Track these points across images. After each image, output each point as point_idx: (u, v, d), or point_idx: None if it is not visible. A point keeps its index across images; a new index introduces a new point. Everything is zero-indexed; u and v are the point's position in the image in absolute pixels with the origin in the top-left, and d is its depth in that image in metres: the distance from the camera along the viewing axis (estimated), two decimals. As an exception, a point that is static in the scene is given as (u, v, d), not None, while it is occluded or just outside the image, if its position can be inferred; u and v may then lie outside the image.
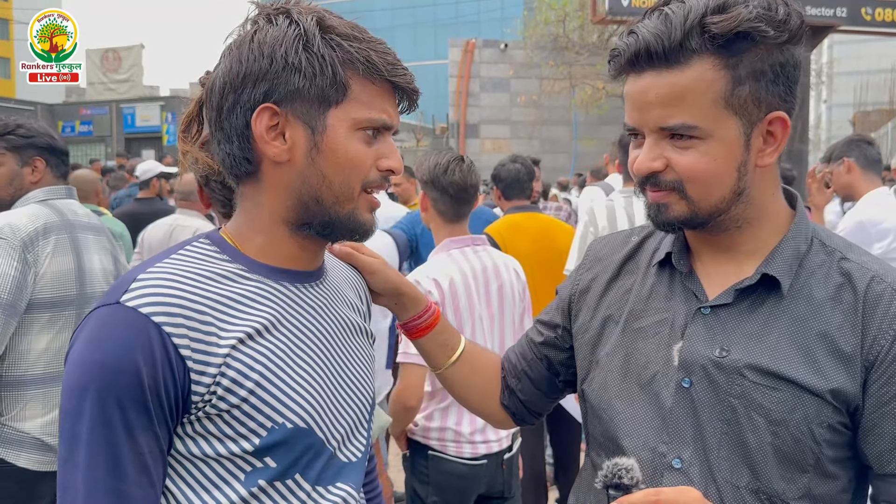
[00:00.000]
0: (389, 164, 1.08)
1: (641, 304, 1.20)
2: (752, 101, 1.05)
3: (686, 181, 1.07)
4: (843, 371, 1.05)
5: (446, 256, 2.50)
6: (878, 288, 1.07)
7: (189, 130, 1.12)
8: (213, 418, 0.97)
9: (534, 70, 17.74)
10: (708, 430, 1.08)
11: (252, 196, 1.08)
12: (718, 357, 1.09)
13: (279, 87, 1.01)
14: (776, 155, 1.09)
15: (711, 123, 1.04)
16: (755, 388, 1.06)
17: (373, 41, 1.05)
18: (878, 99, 23.52)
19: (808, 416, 1.04)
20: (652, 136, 1.08)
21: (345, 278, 1.26)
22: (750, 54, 1.03)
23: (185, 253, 1.04)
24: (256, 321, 1.01)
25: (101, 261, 2.44)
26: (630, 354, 1.18)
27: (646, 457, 1.12)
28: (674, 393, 1.11)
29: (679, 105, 1.04)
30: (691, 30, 1.02)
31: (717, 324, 1.11)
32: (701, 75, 1.03)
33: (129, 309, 0.94)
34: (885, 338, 1.04)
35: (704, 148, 1.05)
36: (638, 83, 1.07)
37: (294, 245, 1.09)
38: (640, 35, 1.05)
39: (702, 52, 1.03)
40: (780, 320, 1.08)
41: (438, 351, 1.42)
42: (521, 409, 1.43)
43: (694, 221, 1.11)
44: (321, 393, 1.07)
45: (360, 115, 1.04)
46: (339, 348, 1.14)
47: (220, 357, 0.96)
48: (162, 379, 0.93)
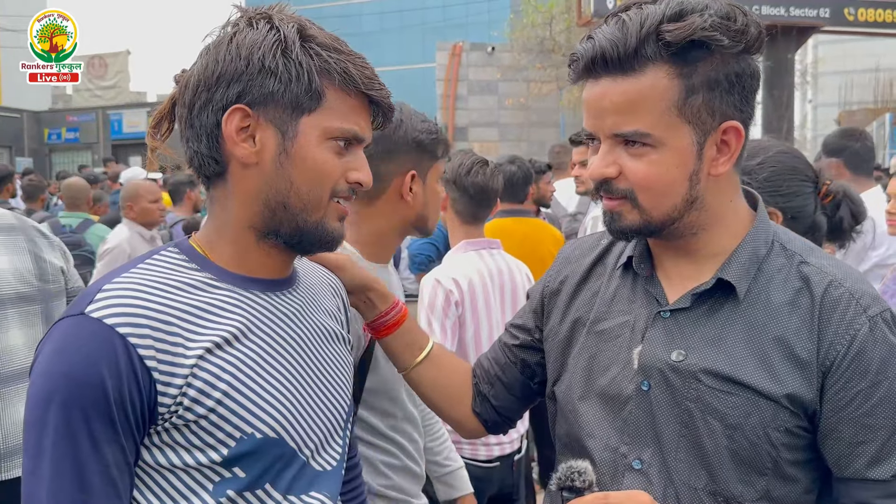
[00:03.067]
0: (358, 176, 1.08)
1: (605, 307, 1.21)
2: (706, 111, 1.05)
3: (638, 189, 1.08)
4: (799, 376, 1.05)
5: (464, 257, 2.54)
6: (836, 293, 1.07)
7: (159, 127, 1.12)
8: (181, 428, 0.97)
9: (521, 73, 17.76)
10: (666, 433, 1.10)
11: (220, 200, 1.08)
12: (675, 361, 1.10)
13: (253, 90, 1.01)
14: (730, 164, 1.09)
15: (664, 132, 1.05)
16: (710, 392, 1.07)
17: (352, 54, 1.05)
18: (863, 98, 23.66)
19: (764, 420, 1.05)
20: (607, 142, 1.09)
21: (322, 284, 1.26)
22: (705, 63, 1.03)
23: (152, 262, 1.04)
24: (225, 330, 1.01)
25: (12, 260, 2.40)
26: (594, 357, 1.19)
27: (607, 457, 1.13)
28: (633, 395, 1.13)
29: (633, 112, 1.04)
30: (647, 37, 1.02)
31: (675, 328, 1.12)
32: (655, 83, 1.03)
33: (93, 320, 0.93)
34: (842, 343, 1.04)
35: (657, 156, 1.06)
36: (594, 89, 1.08)
37: (262, 253, 1.08)
38: (596, 41, 1.05)
39: (656, 60, 1.03)
40: (737, 325, 1.09)
41: (405, 351, 1.41)
42: (493, 415, 1.42)
43: (647, 229, 1.12)
44: (294, 401, 1.06)
45: (332, 124, 1.03)
46: (314, 356, 1.13)
47: (187, 368, 0.96)
48: (127, 391, 0.92)
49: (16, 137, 21.34)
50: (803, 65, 20.08)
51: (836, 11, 8.85)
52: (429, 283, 2.44)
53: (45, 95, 23.29)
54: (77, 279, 2.60)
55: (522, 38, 17.78)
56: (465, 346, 2.48)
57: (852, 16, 8.92)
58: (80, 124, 22.47)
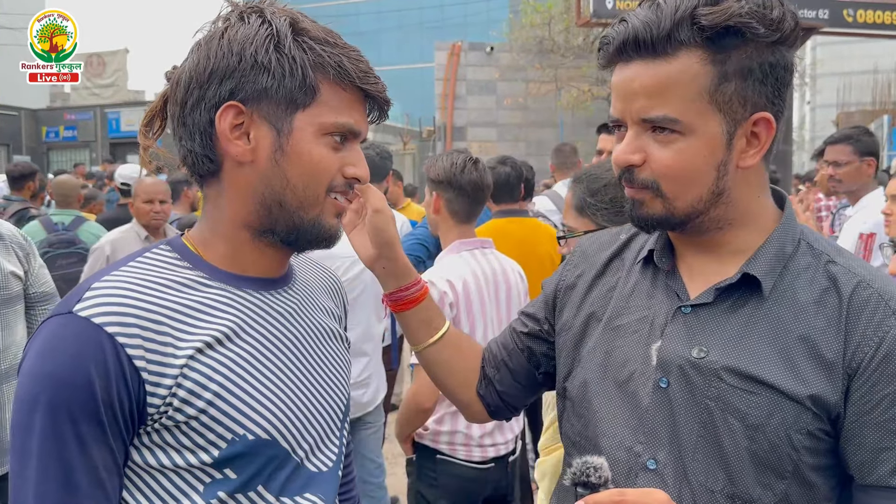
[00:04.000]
0: (355, 171, 1.06)
1: (623, 302, 1.18)
2: (738, 100, 1.02)
3: (662, 178, 1.05)
4: (824, 377, 1.02)
5: (457, 258, 2.50)
6: (865, 293, 1.04)
7: (151, 126, 1.10)
8: (171, 429, 0.95)
9: (520, 73, 17.74)
10: (684, 432, 1.06)
11: (214, 198, 1.06)
12: (696, 358, 1.06)
13: (246, 86, 0.99)
14: (759, 157, 1.07)
15: (694, 118, 1.02)
16: (732, 391, 1.04)
17: (346, 47, 1.03)
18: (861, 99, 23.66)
19: (786, 421, 1.02)
20: (634, 127, 1.06)
21: (319, 281, 1.24)
22: (739, 51, 1.01)
23: (143, 260, 1.02)
24: (217, 330, 0.99)
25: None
26: (610, 352, 1.16)
27: (621, 456, 1.10)
28: (651, 393, 1.09)
29: (662, 97, 1.02)
30: (681, 21, 1.00)
31: (696, 324, 1.09)
32: (687, 68, 1.01)
33: (81, 319, 0.91)
34: (869, 345, 1.01)
35: (685, 144, 1.03)
36: (625, 72, 1.05)
37: (257, 251, 1.07)
38: (629, 23, 1.03)
39: (690, 45, 1.01)
40: (761, 322, 1.06)
41: (422, 328, 1.39)
42: (496, 400, 1.40)
43: (670, 221, 1.09)
44: (288, 402, 1.04)
45: (327, 119, 1.01)
46: (310, 354, 1.11)
47: (177, 368, 0.94)
48: (116, 391, 0.90)
49: (13, 135, 21.30)
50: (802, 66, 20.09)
51: (836, 13, 8.85)
52: (422, 284, 2.42)
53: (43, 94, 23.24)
54: (43, 283, 2.48)
55: (521, 39, 17.77)
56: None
57: (851, 17, 8.92)
58: (78, 123, 22.42)
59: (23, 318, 2.50)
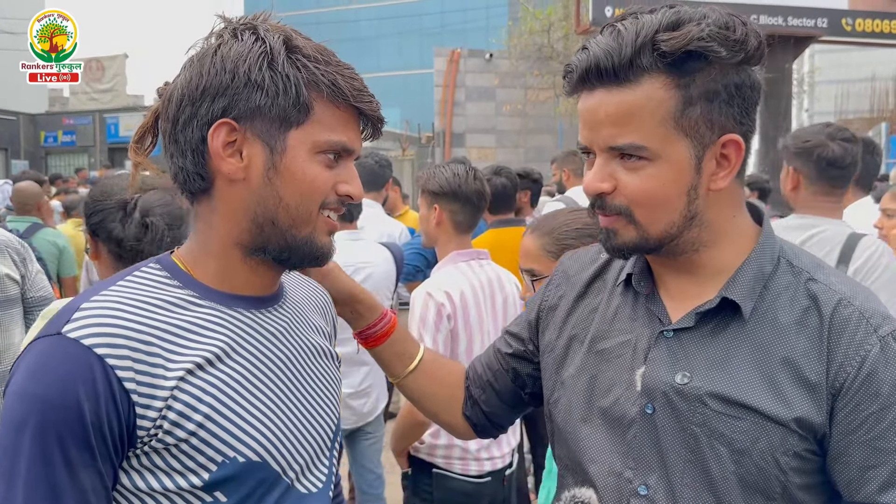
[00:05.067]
0: (349, 189, 1.05)
1: (606, 325, 1.17)
2: (705, 123, 1.02)
3: (634, 205, 1.05)
4: (808, 399, 1.01)
5: (454, 269, 2.49)
6: (845, 312, 1.03)
7: (143, 142, 1.08)
8: (161, 452, 0.93)
9: (519, 79, 17.79)
10: (672, 458, 1.06)
11: (205, 216, 1.04)
12: (680, 384, 1.06)
13: (239, 104, 0.98)
14: (730, 178, 1.06)
15: (661, 144, 1.01)
16: (717, 416, 1.03)
17: (340, 65, 1.02)
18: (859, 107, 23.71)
19: (773, 444, 1.01)
20: (602, 155, 1.06)
21: (308, 298, 1.23)
22: (703, 74, 1.00)
23: (132, 279, 1.01)
24: (207, 350, 0.98)
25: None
26: (594, 377, 1.15)
27: (611, 483, 1.09)
28: (637, 418, 1.09)
29: (628, 124, 1.01)
30: (642, 47, 0.99)
31: (679, 348, 1.08)
32: (651, 94, 1.00)
33: (70, 340, 0.90)
34: (852, 364, 1.01)
35: (653, 170, 1.02)
36: (589, 101, 1.05)
37: (248, 270, 1.05)
38: (591, 51, 1.02)
39: (652, 71, 1.00)
40: (743, 346, 1.05)
41: (395, 360, 1.39)
42: (483, 421, 1.39)
43: (644, 247, 1.08)
44: (278, 423, 1.03)
45: (321, 137, 1.00)
46: (301, 374, 1.10)
47: (167, 390, 0.93)
48: (105, 414, 0.89)
49: (12, 140, 21.28)
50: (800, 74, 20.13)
51: (834, 22, 8.87)
52: (420, 296, 2.41)
53: (42, 98, 23.22)
54: (41, 288, 2.51)
55: (520, 45, 17.81)
56: (457, 360, 2.45)
57: (850, 26, 8.94)
58: (77, 127, 22.39)
59: (20, 321, 2.54)
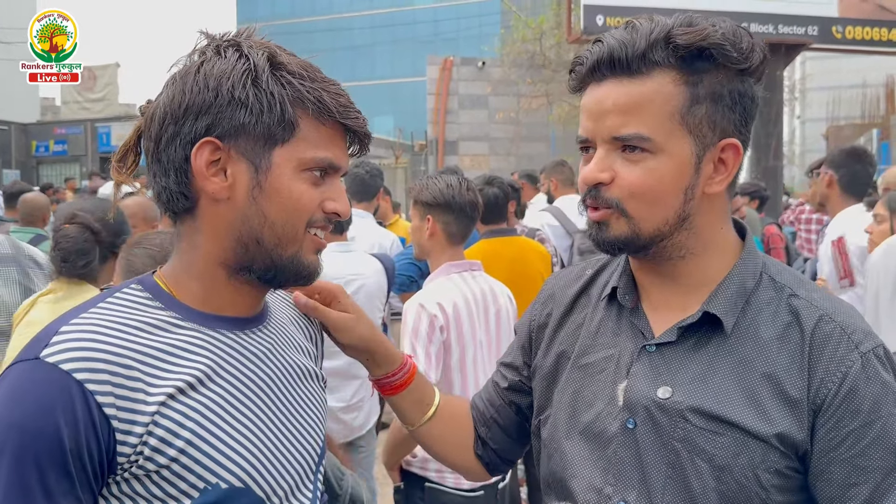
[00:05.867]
0: (335, 207, 1.03)
1: (590, 339, 1.17)
2: (708, 124, 1.04)
3: (629, 198, 1.05)
4: (790, 415, 1.01)
5: (447, 280, 2.48)
6: (827, 328, 1.03)
7: (125, 161, 1.07)
8: (142, 479, 0.91)
9: (511, 87, 17.80)
10: (653, 473, 1.05)
11: (189, 236, 1.02)
12: (662, 399, 1.06)
13: (223, 122, 0.96)
14: (725, 183, 1.08)
15: (665, 137, 1.03)
16: (698, 432, 1.03)
17: (325, 81, 1.00)
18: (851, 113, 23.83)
19: (754, 461, 1.01)
20: (604, 146, 1.06)
21: (292, 319, 1.20)
22: (711, 75, 1.03)
23: (113, 301, 0.98)
24: (189, 374, 0.95)
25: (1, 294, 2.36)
26: (578, 392, 1.15)
27: (591, 499, 1.09)
28: (619, 433, 1.09)
29: (635, 115, 1.03)
30: (656, 41, 1.02)
31: (661, 363, 1.08)
32: (661, 87, 1.03)
33: (49, 365, 0.87)
34: (833, 380, 1.01)
35: (654, 163, 1.04)
36: (597, 92, 1.07)
37: (232, 290, 1.03)
38: (605, 43, 1.05)
39: (664, 65, 1.03)
40: (725, 361, 1.05)
41: (413, 408, 1.33)
42: (494, 458, 1.36)
43: (635, 243, 1.08)
44: (262, 447, 1.01)
45: (307, 154, 0.99)
46: (285, 396, 1.08)
47: (148, 415, 0.90)
48: (85, 441, 0.87)
49: (3, 150, 21.20)
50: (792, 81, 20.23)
51: (824, 29, 8.91)
52: (413, 307, 2.39)
53: (34, 107, 23.17)
54: None
55: (513, 54, 17.84)
56: (449, 371, 2.43)
57: (840, 34, 8.98)
58: (69, 137, 22.33)
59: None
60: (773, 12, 8.74)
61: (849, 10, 8.97)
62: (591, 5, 8.42)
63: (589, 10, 8.40)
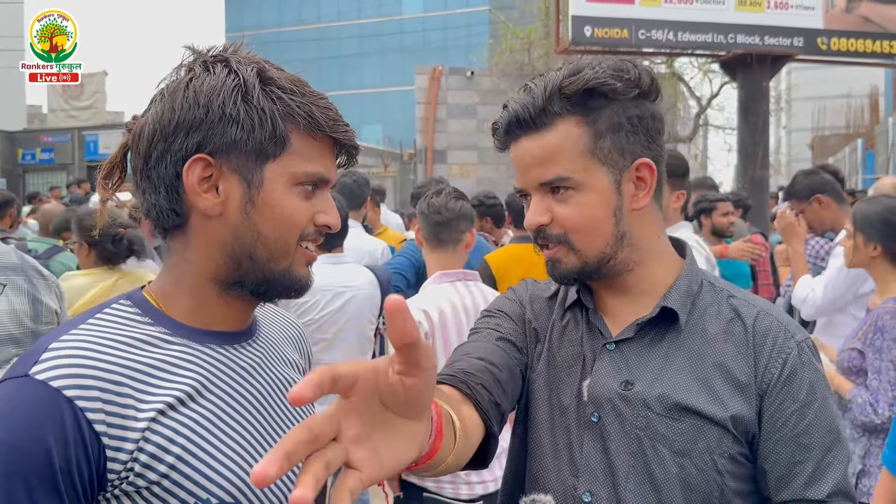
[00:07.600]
0: (326, 219, 1.04)
1: (558, 338, 1.24)
2: (616, 151, 1.15)
3: (570, 231, 1.16)
4: (741, 398, 1.11)
5: (437, 288, 2.55)
6: (766, 321, 1.15)
7: (110, 177, 1.06)
8: (132, 495, 0.91)
9: (500, 97, 17.85)
10: (617, 464, 1.12)
11: (180, 251, 1.02)
12: (623, 390, 1.13)
13: (214, 139, 0.96)
14: (649, 197, 1.18)
15: (582, 174, 1.14)
16: (659, 419, 1.11)
17: (314, 95, 1.00)
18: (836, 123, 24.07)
19: (710, 445, 1.09)
20: (536, 193, 1.18)
21: (282, 333, 1.20)
22: (606, 110, 1.14)
23: (102, 317, 0.98)
24: (179, 389, 0.95)
25: (10, 302, 2.35)
26: (549, 387, 1.22)
27: (559, 490, 1.16)
28: (584, 427, 1.16)
29: (552, 161, 1.14)
30: (551, 96, 1.13)
31: (621, 359, 1.16)
32: (566, 133, 1.14)
33: (38, 382, 0.87)
34: (776, 365, 1.12)
35: (580, 197, 1.15)
36: (517, 149, 1.18)
37: (223, 305, 1.03)
38: (510, 108, 1.17)
39: (563, 114, 1.14)
40: (680, 353, 1.15)
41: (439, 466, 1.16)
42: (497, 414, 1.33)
43: (586, 271, 1.18)
44: (252, 462, 1.00)
45: (298, 168, 0.99)
46: (274, 411, 1.07)
47: (138, 431, 0.90)
48: (74, 458, 0.86)
49: (-11, 158, 21.06)
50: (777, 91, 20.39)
51: (810, 41, 9.01)
52: (398, 314, 2.41)
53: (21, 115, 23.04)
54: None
55: (501, 63, 17.93)
56: (438, 381, 2.43)
57: (825, 45, 9.08)
58: (55, 145, 22.19)
59: None
60: (759, 24, 8.82)
61: (834, 22, 9.08)
62: (579, 16, 8.48)
63: (577, 20, 8.46)
